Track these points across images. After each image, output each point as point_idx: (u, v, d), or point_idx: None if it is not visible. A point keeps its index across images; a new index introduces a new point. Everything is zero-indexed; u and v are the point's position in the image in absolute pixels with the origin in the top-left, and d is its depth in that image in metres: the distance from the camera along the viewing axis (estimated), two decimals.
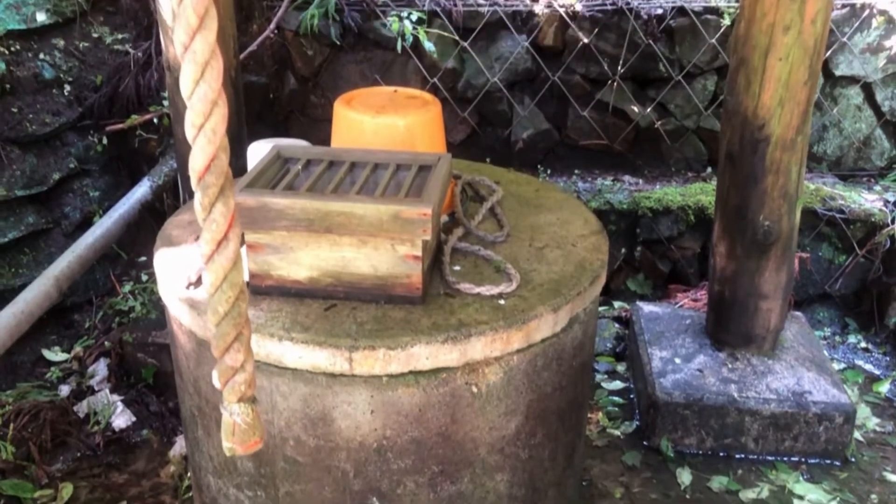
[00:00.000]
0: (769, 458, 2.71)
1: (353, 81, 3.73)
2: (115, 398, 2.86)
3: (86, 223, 3.32)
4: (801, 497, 2.54)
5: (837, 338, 3.51)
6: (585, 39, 3.62)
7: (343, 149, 1.93)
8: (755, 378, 2.72)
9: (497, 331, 1.61)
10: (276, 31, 3.63)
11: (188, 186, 2.78)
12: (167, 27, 2.69)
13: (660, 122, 3.76)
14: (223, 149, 0.84)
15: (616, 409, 2.96)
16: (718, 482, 2.60)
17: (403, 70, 3.73)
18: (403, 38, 3.55)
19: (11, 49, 3.22)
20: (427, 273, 1.72)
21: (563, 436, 1.89)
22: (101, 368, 3.00)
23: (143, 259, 3.44)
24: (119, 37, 3.63)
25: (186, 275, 1.78)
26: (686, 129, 3.79)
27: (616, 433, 2.84)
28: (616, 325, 3.42)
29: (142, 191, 3.34)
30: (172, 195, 3.42)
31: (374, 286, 1.68)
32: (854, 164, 3.87)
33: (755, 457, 2.71)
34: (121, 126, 3.48)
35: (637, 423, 2.87)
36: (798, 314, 3.17)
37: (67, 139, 3.39)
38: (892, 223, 3.39)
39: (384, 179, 1.76)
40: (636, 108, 3.73)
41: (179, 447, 2.69)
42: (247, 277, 1.69)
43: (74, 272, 2.91)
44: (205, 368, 1.74)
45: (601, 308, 3.51)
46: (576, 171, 3.84)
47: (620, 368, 3.20)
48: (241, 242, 1.05)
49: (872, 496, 2.56)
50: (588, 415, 2.87)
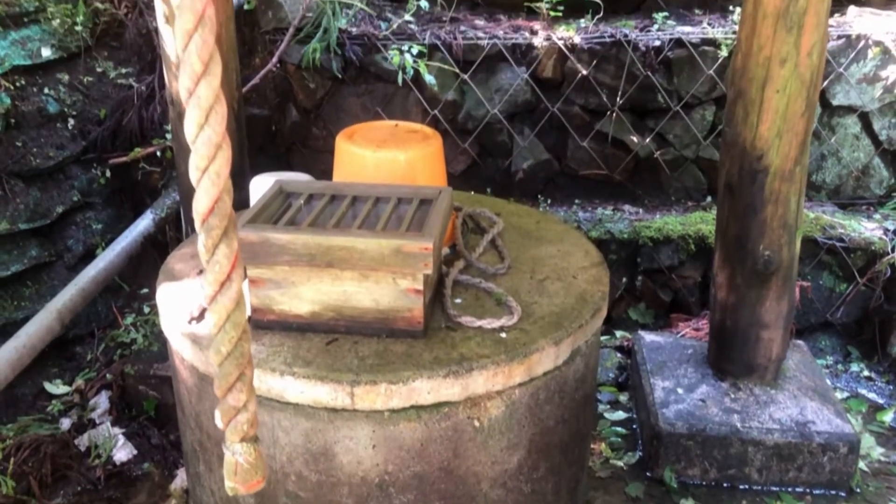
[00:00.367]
0: (773, 489, 2.68)
1: (355, 113, 3.76)
2: (117, 431, 2.85)
3: (88, 255, 3.33)
4: None
5: (840, 366, 3.50)
6: (584, 71, 3.65)
7: (345, 183, 1.95)
8: (758, 408, 2.71)
9: (499, 364, 1.61)
10: (279, 65, 3.67)
11: (190, 219, 2.79)
12: (170, 62, 2.73)
13: (659, 152, 3.78)
14: (227, 191, 0.85)
15: (619, 440, 2.94)
16: None
17: (404, 102, 3.76)
18: (404, 71, 3.58)
19: (17, 84, 3.26)
20: (428, 306, 1.72)
21: (566, 469, 1.88)
22: (103, 401, 2.99)
23: (146, 291, 3.45)
24: (123, 71, 3.67)
25: (188, 310, 1.78)
26: (685, 159, 3.81)
27: (619, 464, 2.82)
28: (618, 355, 3.41)
29: (144, 223, 3.36)
30: (175, 227, 3.44)
31: (376, 320, 1.68)
32: (853, 193, 3.89)
33: (759, 487, 2.69)
34: (124, 159, 3.50)
35: (640, 454, 2.86)
36: (800, 343, 3.16)
37: (71, 172, 3.41)
38: (893, 252, 3.40)
39: (385, 213, 1.77)
40: (635, 139, 3.76)
41: (181, 480, 2.68)
42: (249, 312, 1.70)
43: (77, 305, 2.92)
44: (206, 403, 1.74)
45: (603, 337, 3.50)
46: (576, 201, 3.86)
47: (623, 398, 3.19)
48: (244, 277, 1.06)
49: None
50: (591, 445, 2.86)
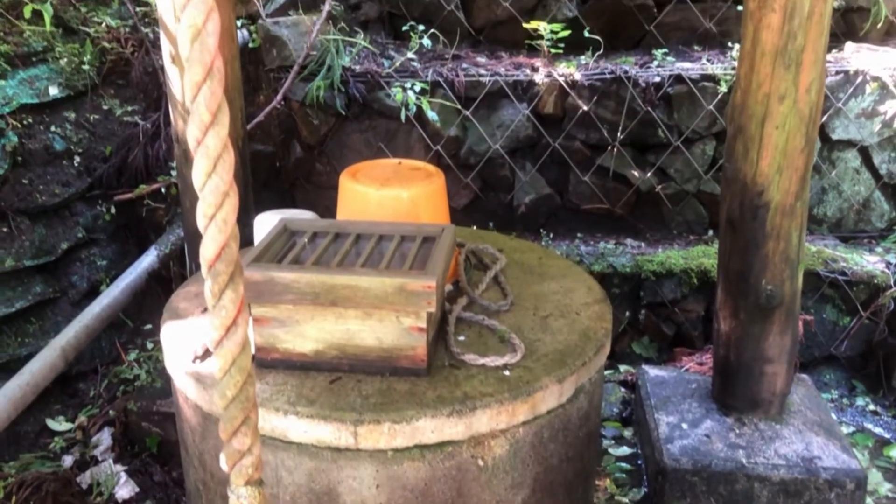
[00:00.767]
0: None
1: (358, 150, 3.80)
2: (119, 468, 2.84)
3: (93, 292, 3.35)
4: None
5: (845, 400, 3.48)
6: (585, 107, 3.69)
7: (348, 221, 1.97)
8: (763, 443, 2.69)
9: (502, 403, 1.61)
10: (283, 102, 3.72)
11: (195, 255, 2.81)
12: (176, 100, 2.76)
13: (660, 187, 3.80)
14: (234, 237, 0.86)
15: (624, 476, 2.92)
16: None
17: (407, 138, 3.80)
18: (407, 108, 3.62)
19: (24, 122, 3.30)
20: (432, 344, 1.73)
21: None
22: (105, 438, 2.98)
23: (149, 327, 3.45)
24: (129, 108, 3.72)
25: (193, 349, 1.79)
26: (686, 193, 3.83)
27: (624, 500, 2.80)
28: (622, 390, 3.40)
29: (149, 260, 3.38)
30: (179, 263, 3.45)
31: (379, 358, 1.69)
32: (854, 226, 3.90)
33: None
34: (129, 195, 3.53)
35: (646, 490, 2.84)
36: (804, 377, 3.15)
37: (76, 209, 3.44)
38: (895, 285, 3.40)
39: (389, 251, 1.79)
40: (636, 173, 3.78)
41: None
42: (253, 351, 1.70)
43: (81, 342, 2.92)
44: (210, 442, 1.74)
45: (606, 372, 3.49)
46: (578, 235, 3.88)
47: (627, 434, 3.17)
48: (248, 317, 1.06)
49: None
50: (596, 482, 2.84)
